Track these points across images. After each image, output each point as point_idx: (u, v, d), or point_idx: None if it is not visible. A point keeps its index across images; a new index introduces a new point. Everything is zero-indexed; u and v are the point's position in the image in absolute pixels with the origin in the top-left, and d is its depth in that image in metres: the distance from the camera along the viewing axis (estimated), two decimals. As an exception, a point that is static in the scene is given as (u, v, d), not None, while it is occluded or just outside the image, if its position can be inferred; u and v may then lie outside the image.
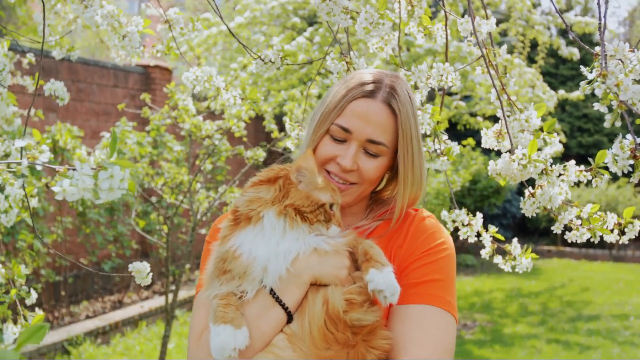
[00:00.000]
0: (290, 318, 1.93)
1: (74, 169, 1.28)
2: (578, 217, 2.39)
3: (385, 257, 1.99)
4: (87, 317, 9.21)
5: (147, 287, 10.96)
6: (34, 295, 3.05)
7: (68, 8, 3.33)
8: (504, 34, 12.28)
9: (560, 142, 11.75)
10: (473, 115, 12.89)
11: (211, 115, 8.66)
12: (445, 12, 2.55)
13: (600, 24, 1.94)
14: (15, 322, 3.01)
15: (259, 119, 12.91)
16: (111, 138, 1.30)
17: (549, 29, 12.28)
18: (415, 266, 2.12)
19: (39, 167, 1.39)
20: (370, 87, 2.17)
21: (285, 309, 1.92)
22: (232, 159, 10.93)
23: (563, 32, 19.10)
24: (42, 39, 2.84)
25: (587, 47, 1.95)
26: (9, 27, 4.09)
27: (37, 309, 3.23)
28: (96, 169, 1.27)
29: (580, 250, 17.15)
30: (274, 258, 1.91)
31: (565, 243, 18.28)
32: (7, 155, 2.90)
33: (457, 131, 14.08)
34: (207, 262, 2.10)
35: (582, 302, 11.69)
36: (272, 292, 1.93)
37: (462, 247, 15.83)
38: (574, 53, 11.48)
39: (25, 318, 2.94)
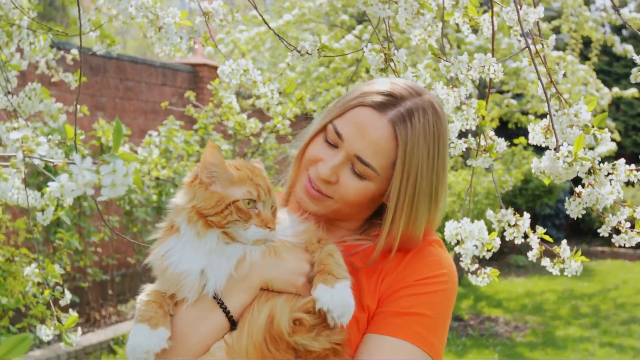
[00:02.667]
0: (233, 324, 1.72)
1: (74, 163, 1.18)
2: (630, 218, 2.26)
3: (348, 268, 1.76)
4: (134, 316, 9.19)
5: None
6: (68, 296, 3.00)
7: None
8: (557, 30, 12.09)
9: (614, 140, 11.60)
10: (524, 113, 12.74)
11: (258, 113, 8.62)
12: (491, 1, 2.43)
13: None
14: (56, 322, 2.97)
15: (308, 118, 12.90)
16: (115, 129, 1.20)
17: (603, 25, 12.08)
18: (404, 294, 1.83)
19: (36, 161, 1.30)
20: (381, 99, 1.85)
21: (227, 313, 1.71)
22: (281, 159, 10.92)
23: (617, 29, 18.79)
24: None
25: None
26: (57, 28, 4.07)
27: (84, 307, 3.20)
28: (98, 162, 1.18)
29: (635, 251, 16.75)
30: (210, 268, 1.71)
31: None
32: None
33: (508, 130, 13.88)
34: None
35: (637, 305, 11.44)
36: (215, 295, 1.72)
37: (514, 248, 15.62)
38: (629, 50, 11.25)
39: (58, 319, 2.87)
